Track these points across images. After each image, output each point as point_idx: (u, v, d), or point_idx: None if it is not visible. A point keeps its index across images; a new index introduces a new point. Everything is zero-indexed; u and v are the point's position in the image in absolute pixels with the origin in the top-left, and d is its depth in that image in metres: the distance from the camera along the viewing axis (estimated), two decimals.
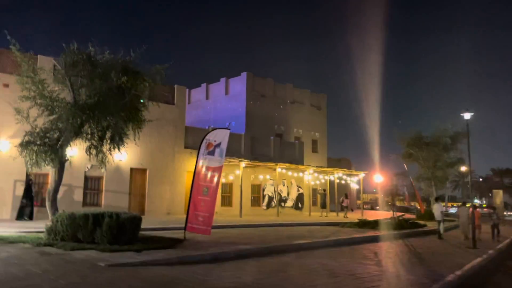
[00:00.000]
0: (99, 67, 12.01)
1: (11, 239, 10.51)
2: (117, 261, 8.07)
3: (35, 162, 11.91)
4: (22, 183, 18.32)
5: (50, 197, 11.96)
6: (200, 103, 35.77)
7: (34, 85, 11.68)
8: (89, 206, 19.47)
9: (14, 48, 11.52)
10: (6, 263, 7.37)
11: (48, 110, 11.85)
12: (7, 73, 18.03)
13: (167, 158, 23.29)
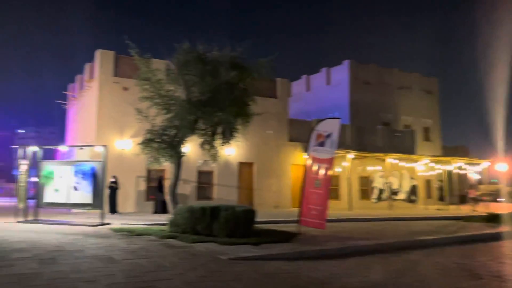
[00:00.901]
0: (209, 64, 12.25)
1: (138, 231, 11.21)
2: (237, 254, 8.06)
3: (155, 159, 12.63)
4: (143, 178, 19.82)
5: (171, 191, 12.56)
6: (300, 95, 35.39)
7: (152, 86, 12.34)
8: (202, 199, 20.31)
9: (133, 52, 12.25)
10: (136, 255, 7.76)
11: (165, 108, 12.43)
12: (126, 78, 19.53)
13: (272, 152, 23.37)
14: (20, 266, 6.49)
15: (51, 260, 7.03)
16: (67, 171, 13.87)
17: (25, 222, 13.39)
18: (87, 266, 6.61)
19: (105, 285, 5.46)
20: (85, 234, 10.64)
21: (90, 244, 8.93)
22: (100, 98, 19.45)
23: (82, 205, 13.85)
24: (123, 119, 19.23)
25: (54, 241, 9.34)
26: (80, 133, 23.20)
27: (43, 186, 14.10)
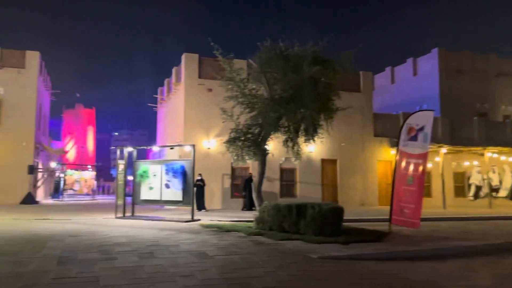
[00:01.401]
0: (291, 61, 12.14)
1: (226, 228, 11.48)
2: (327, 253, 7.85)
3: (240, 157, 12.82)
4: (228, 176, 20.33)
5: (256, 189, 12.68)
6: (385, 88, 33.85)
7: (236, 85, 12.55)
8: (286, 197, 20.31)
9: (217, 53, 12.54)
10: (228, 252, 7.90)
11: (249, 107, 12.57)
12: (210, 79, 20.16)
13: (356, 148, 22.64)
14: (122, 260, 6.93)
15: (149, 254, 7.42)
16: (160, 170, 14.65)
17: (123, 218, 14.40)
18: (183, 261, 6.85)
19: (201, 280, 5.60)
20: (178, 230, 11.12)
21: (183, 240, 9.29)
22: (186, 100, 20.31)
23: (173, 201, 14.55)
24: (208, 119, 19.88)
25: (150, 236, 9.89)
26: (169, 134, 24.46)
27: (139, 184, 15.06)
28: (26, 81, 23.38)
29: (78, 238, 9.37)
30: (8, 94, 22.91)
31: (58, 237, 9.55)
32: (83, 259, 6.91)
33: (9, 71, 23.04)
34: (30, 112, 23.37)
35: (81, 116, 62.42)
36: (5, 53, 23.26)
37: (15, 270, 6.02)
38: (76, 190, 30.89)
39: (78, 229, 11.09)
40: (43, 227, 11.60)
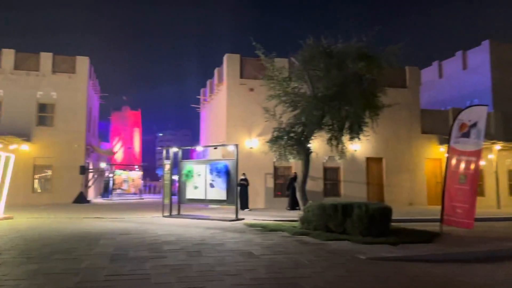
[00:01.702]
0: (335, 58, 11.94)
1: (270, 227, 11.46)
2: (376, 254, 7.64)
3: (283, 156, 12.77)
4: (271, 176, 20.32)
5: (300, 188, 12.58)
6: (432, 83, 32.61)
7: (278, 84, 12.50)
8: (330, 196, 20.03)
9: (259, 52, 12.54)
10: (273, 251, 7.87)
11: (292, 106, 12.50)
12: (251, 79, 20.24)
13: (403, 145, 21.96)
14: (172, 258, 7.06)
15: (197, 253, 7.52)
16: (204, 170, 14.86)
17: (169, 217, 14.74)
18: (230, 260, 6.90)
19: (249, 279, 5.60)
20: (223, 229, 11.23)
21: (228, 239, 9.36)
22: (228, 100, 20.49)
23: (217, 201, 14.71)
24: (250, 118, 19.97)
25: (196, 234, 10.04)
26: (212, 134, 24.79)
27: (184, 183, 15.36)
28: (77, 85, 24.47)
29: (129, 236, 9.67)
30: (60, 98, 24.08)
31: (109, 235, 9.90)
32: (134, 257, 7.11)
33: (61, 76, 24.21)
34: (80, 115, 24.44)
35: (127, 118, 64.62)
36: (57, 59, 24.45)
37: (72, 267, 6.29)
38: (124, 190, 31.99)
39: (128, 228, 11.46)
40: (95, 225, 12.08)
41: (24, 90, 23.54)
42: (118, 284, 5.29)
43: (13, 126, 22.79)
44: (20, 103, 23.39)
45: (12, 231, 10.61)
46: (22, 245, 8.40)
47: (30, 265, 6.41)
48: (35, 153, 23.10)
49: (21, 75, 23.63)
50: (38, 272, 5.89)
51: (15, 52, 23.83)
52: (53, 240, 9.00)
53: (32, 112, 23.63)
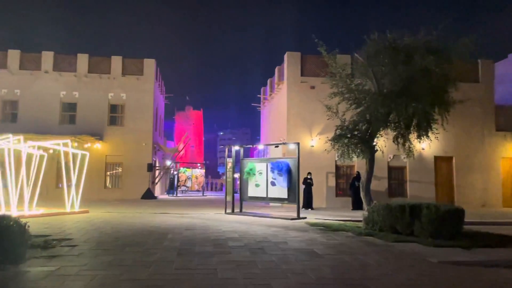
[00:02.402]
0: (401, 52, 11.49)
1: (334, 227, 11.26)
2: (448, 258, 7.23)
3: (346, 154, 12.51)
4: (332, 175, 19.99)
5: (364, 188, 12.26)
6: (507, 77, 30.24)
7: (341, 81, 12.26)
8: (395, 196, 19.31)
9: (322, 49, 12.37)
10: (338, 251, 7.73)
11: (355, 103, 12.21)
12: (312, 76, 20.04)
13: (475, 143, 20.64)
14: (236, 254, 7.17)
15: (260, 250, 7.57)
16: (265, 168, 14.95)
17: (231, 214, 14.99)
18: (293, 258, 6.86)
19: (315, 278, 5.53)
20: (285, 227, 11.21)
21: (291, 237, 9.33)
22: (289, 98, 20.43)
23: (279, 199, 14.72)
24: (311, 117, 19.78)
25: (259, 232, 10.11)
26: (272, 132, 24.87)
27: (246, 181, 15.55)
28: (144, 86, 25.68)
29: (194, 232, 9.96)
30: (129, 99, 25.40)
31: (176, 230, 10.27)
32: (200, 252, 7.30)
33: (130, 78, 25.52)
34: (148, 115, 25.61)
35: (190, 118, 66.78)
36: (126, 62, 25.81)
37: (143, 259, 6.59)
38: (188, 187, 33.09)
39: (193, 223, 11.82)
40: (163, 220, 12.59)
41: (97, 92, 25.11)
42: (187, 277, 5.45)
43: (87, 126, 24.40)
44: (93, 105, 24.98)
45: (88, 224, 11.35)
46: (97, 237, 8.95)
47: (105, 256, 6.80)
48: (107, 151, 24.57)
49: (94, 78, 25.22)
50: (113, 264, 6.23)
51: (88, 57, 25.47)
52: (125, 234, 9.50)
53: (104, 113, 25.13)
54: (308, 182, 17.69)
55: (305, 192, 17.50)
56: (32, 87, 24.74)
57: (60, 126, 24.45)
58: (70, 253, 6.96)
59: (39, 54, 25.18)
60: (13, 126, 23.24)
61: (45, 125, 23.85)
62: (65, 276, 5.41)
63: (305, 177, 17.55)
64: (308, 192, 17.60)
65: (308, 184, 17.71)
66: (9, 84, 24.65)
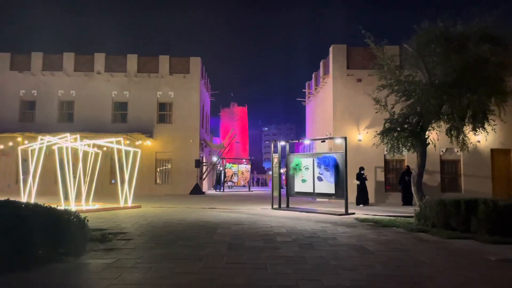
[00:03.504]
0: (454, 41, 11.00)
1: (384, 222, 11.01)
2: (508, 256, 6.87)
3: (396, 148, 12.17)
4: (381, 169, 19.52)
5: (415, 183, 11.89)
6: None
7: (389, 72, 11.93)
8: (448, 191, 18.60)
9: (369, 41, 12.08)
10: (389, 248, 7.55)
11: (405, 95, 11.84)
12: (359, 69, 19.62)
13: None
14: (285, 249, 7.19)
15: (309, 246, 7.55)
16: (311, 163, 14.84)
17: (278, 209, 15.03)
18: (343, 254, 6.78)
19: (366, 275, 5.44)
20: (333, 223, 11.10)
21: (340, 233, 9.23)
22: (335, 92, 20.13)
23: (326, 194, 14.57)
24: (358, 110, 19.41)
25: (307, 227, 10.08)
26: (318, 127, 24.64)
27: (292, 176, 15.52)
28: (191, 84, 26.24)
29: (242, 227, 10.09)
30: (177, 97, 26.07)
31: (225, 224, 10.45)
32: (250, 246, 7.39)
33: (177, 77, 26.17)
34: (194, 112, 26.17)
35: (235, 114, 67.46)
36: (173, 61, 26.48)
37: (195, 253, 6.77)
38: (234, 182, 33.52)
39: (241, 218, 11.97)
40: (211, 215, 12.85)
41: (146, 91, 25.96)
42: (238, 271, 5.54)
43: (137, 124, 25.31)
44: (143, 103, 25.87)
45: (141, 218, 11.80)
46: (150, 231, 9.28)
47: (159, 250, 7.05)
48: (156, 148, 25.38)
49: (143, 77, 26.09)
50: (166, 257, 6.45)
51: (137, 57, 26.36)
52: (176, 228, 9.79)
53: (153, 111, 25.96)
54: (363, 177, 17.24)
55: (359, 188, 17.05)
56: (86, 88, 25.98)
57: (112, 124, 25.53)
58: (126, 246, 7.27)
59: (92, 56, 26.39)
60: (70, 125, 24.54)
61: (99, 124, 25.00)
62: (123, 268, 5.66)
63: (358, 173, 17.12)
64: (362, 188, 17.14)
65: (363, 179, 17.26)
66: (65, 85, 26.04)
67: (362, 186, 17.05)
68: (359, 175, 17.06)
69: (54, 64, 26.19)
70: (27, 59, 26.33)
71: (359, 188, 17.01)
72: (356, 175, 17.09)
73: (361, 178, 17.03)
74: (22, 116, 26.32)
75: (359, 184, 16.98)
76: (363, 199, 16.87)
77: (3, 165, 25.47)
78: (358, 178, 16.98)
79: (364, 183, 17.17)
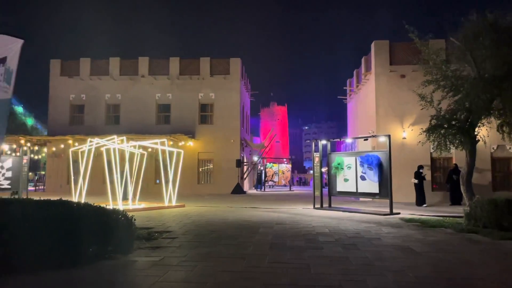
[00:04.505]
0: (505, 32, 10.45)
1: (431, 223, 10.64)
2: None
3: (443, 146, 11.72)
4: (427, 167, 18.85)
5: (464, 181, 11.40)
6: None
7: (435, 67, 11.51)
8: (500, 190, 17.68)
9: (413, 35, 11.71)
10: (437, 249, 7.29)
11: (452, 90, 11.38)
12: (402, 65, 19.07)
13: None
14: (328, 249, 7.11)
15: (352, 246, 7.42)
16: (354, 162, 14.58)
17: (320, 209, 14.88)
18: (388, 255, 6.62)
19: (413, 277, 5.28)
20: (377, 223, 10.85)
21: (384, 233, 9.01)
22: (377, 89, 19.68)
23: (369, 194, 14.27)
24: (401, 107, 18.87)
25: (350, 227, 9.92)
26: (360, 125, 24.18)
27: (334, 176, 15.32)
28: (231, 85, 26.53)
29: (284, 226, 10.08)
30: (217, 98, 26.44)
31: (266, 224, 10.48)
32: (292, 246, 7.37)
33: (217, 78, 26.53)
34: (235, 113, 26.42)
35: (275, 113, 67.45)
36: (213, 62, 26.87)
37: (238, 252, 6.83)
38: (275, 182, 33.54)
39: (282, 218, 11.96)
40: (253, 214, 12.92)
41: (188, 93, 26.51)
42: (281, 271, 5.54)
43: (180, 125, 25.89)
44: (185, 105, 26.43)
45: (185, 217, 12.06)
46: (194, 230, 9.46)
47: (202, 248, 7.17)
48: (198, 148, 25.86)
49: (185, 79, 26.65)
50: (210, 255, 6.55)
51: (179, 60, 26.95)
52: (219, 227, 9.93)
53: (195, 112, 26.47)
54: (422, 177, 16.57)
55: (417, 188, 16.48)
56: (131, 91, 26.88)
57: (156, 126, 26.27)
58: (171, 245, 7.46)
59: (136, 60, 27.25)
60: (117, 128, 25.49)
61: (144, 126, 25.79)
62: (168, 266, 5.81)
63: (416, 171, 16.51)
64: (420, 188, 16.48)
65: (422, 179, 16.59)
66: (111, 89, 27.06)
67: (420, 185, 16.41)
68: (417, 174, 16.41)
69: (101, 69, 27.29)
70: (76, 64, 27.58)
71: (418, 188, 16.32)
72: (415, 173, 16.48)
73: (420, 177, 16.36)
74: (72, 119, 27.61)
75: (418, 183, 16.27)
76: (422, 199, 16.19)
77: (56, 167, 26.84)
78: (416, 177, 16.31)
79: (422, 183, 16.54)
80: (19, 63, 7.13)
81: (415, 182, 16.32)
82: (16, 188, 16.52)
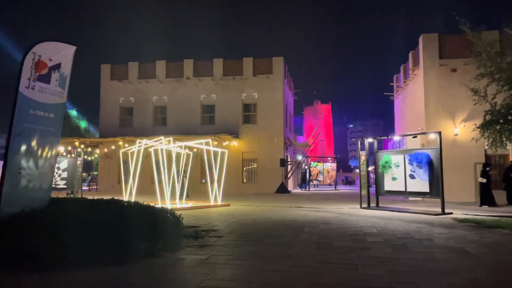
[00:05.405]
0: None
1: (487, 223, 10.12)
2: None
3: (499, 142, 11.13)
4: (481, 165, 17.95)
5: None
6: None
7: (489, 60, 10.93)
8: None
9: (465, 27, 11.19)
10: (494, 251, 6.92)
11: (508, 83, 10.76)
12: (453, 58, 18.28)
13: None
14: (376, 250, 6.92)
15: (402, 247, 7.19)
16: (402, 160, 14.13)
17: (367, 208, 14.55)
18: (441, 257, 6.35)
19: (468, 279, 5.03)
20: (428, 223, 10.46)
21: (436, 234, 8.66)
22: (426, 84, 18.97)
23: (419, 193, 13.78)
24: (453, 102, 18.09)
25: (399, 228, 9.61)
26: (408, 122, 23.42)
27: (381, 174, 14.92)
28: (274, 84, 26.53)
29: (330, 226, 9.94)
30: (260, 98, 26.52)
31: (312, 223, 10.38)
32: (338, 246, 7.25)
33: (260, 78, 26.62)
34: (278, 112, 26.40)
35: (319, 112, 66.73)
36: (256, 62, 26.99)
37: (284, 251, 6.81)
38: (320, 181, 33.19)
39: (328, 217, 11.80)
40: (297, 214, 12.85)
41: (232, 93, 26.80)
42: (328, 271, 5.46)
43: (224, 125, 26.23)
44: (229, 105, 26.74)
45: (230, 216, 12.19)
46: (240, 229, 9.54)
47: (248, 247, 7.21)
48: (242, 148, 26.08)
49: (228, 80, 26.97)
50: (256, 254, 6.57)
51: (223, 61, 27.31)
52: (264, 226, 9.95)
53: (239, 112, 26.72)
54: (489, 175, 15.74)
55: (481, 187, 15.68)
56: (177, 93, 27.56)
57: (201, 126, 26.77)
58: (218, 243, 7.56)
59: (181, 62, 27.91)
60: (164, 129, 26.22)
61: (189, 126, 26.37)
62: (215, 264, 5.89)
63: (482, 169, 15.70)
64: (484, 187, 15.59)
65: (489, 177, 15.73)
66: (158, 91, 27.88)
67: (487, 184, 15.56)
68: (484, 172, 15.57)
69: (148, 72, 28.18)
70: (124, 69, 28.66)
71: (483, 186, 15.49)
72: (481, 172, 15.67)
73: (487, 176, 15.51)
74: (122, 121, 28.72)
75: (484, 182, 15.42)
76: (489, 199, 15.35)
77: (108, 167, 28.02)
78: (484, 175, 15.47)
79: (490, 182, 15.66)
80: (72, 68, 7.51)
81: (483, 182, 15.40)
82: (71, 187, 17.41)
